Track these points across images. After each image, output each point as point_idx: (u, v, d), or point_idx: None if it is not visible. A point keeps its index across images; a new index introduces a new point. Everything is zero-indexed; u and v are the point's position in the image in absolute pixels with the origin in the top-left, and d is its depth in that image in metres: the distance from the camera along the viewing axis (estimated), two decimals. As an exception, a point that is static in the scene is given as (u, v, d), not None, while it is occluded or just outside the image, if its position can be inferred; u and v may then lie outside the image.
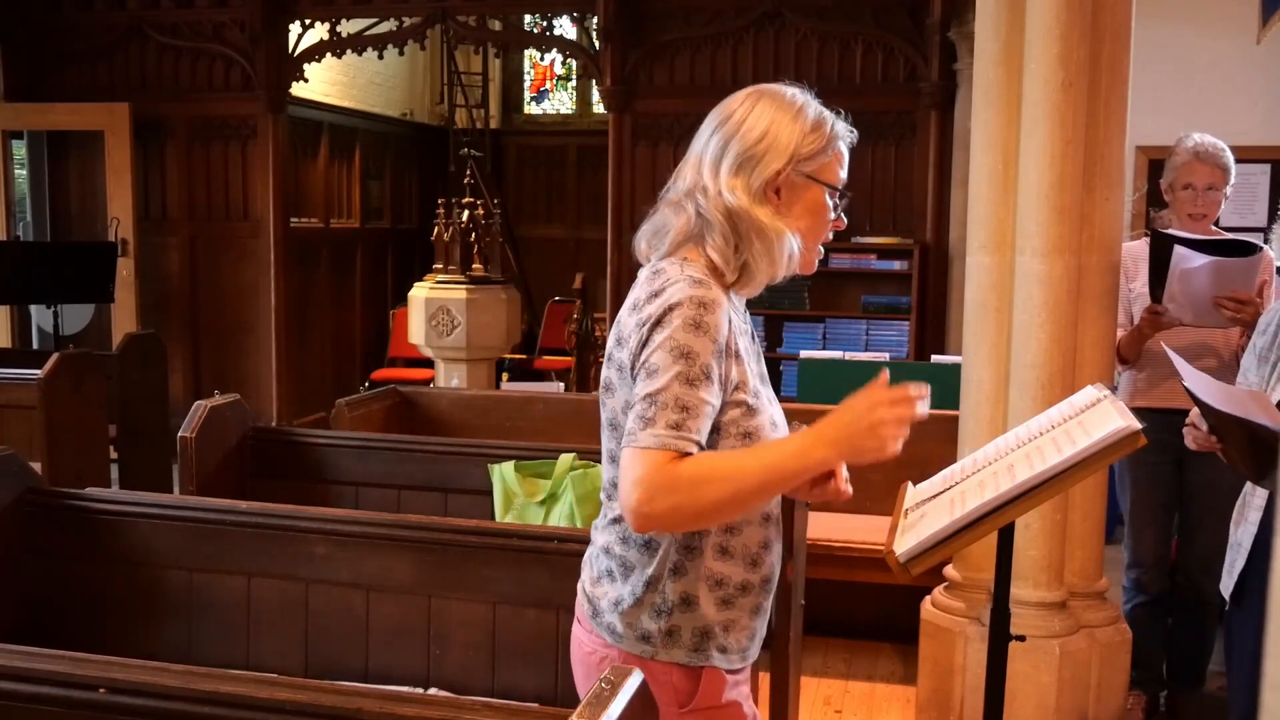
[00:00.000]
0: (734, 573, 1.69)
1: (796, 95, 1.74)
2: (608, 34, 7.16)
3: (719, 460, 1.57)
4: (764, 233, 1.65)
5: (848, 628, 4.42)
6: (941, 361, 5.20)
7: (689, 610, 1.66)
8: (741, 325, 1.71)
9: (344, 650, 2.61)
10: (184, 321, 7.90)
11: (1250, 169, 5.33)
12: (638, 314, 1.62)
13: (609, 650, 1.70)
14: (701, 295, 1.58)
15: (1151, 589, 3.60)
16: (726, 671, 1.70)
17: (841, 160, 1.74)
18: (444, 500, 3.51)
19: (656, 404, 1.54)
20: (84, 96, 7.72)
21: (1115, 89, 3.23)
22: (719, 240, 1.65)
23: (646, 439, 1.53)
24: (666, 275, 1.63)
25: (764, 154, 1.66)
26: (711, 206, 1.66)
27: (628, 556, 1.69)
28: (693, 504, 1.53)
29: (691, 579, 1.66)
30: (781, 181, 1.67)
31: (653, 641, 1.66)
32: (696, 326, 1.57)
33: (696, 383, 1.55)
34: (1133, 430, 1.76)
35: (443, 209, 6.39)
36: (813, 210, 1.71)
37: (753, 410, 1.65)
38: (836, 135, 1.73)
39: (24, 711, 1.67)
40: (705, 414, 1.56)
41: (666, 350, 1.56)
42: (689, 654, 1.67)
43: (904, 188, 7.04)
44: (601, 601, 1.72)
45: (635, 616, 1.67)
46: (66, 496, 2.78)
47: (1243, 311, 3.17)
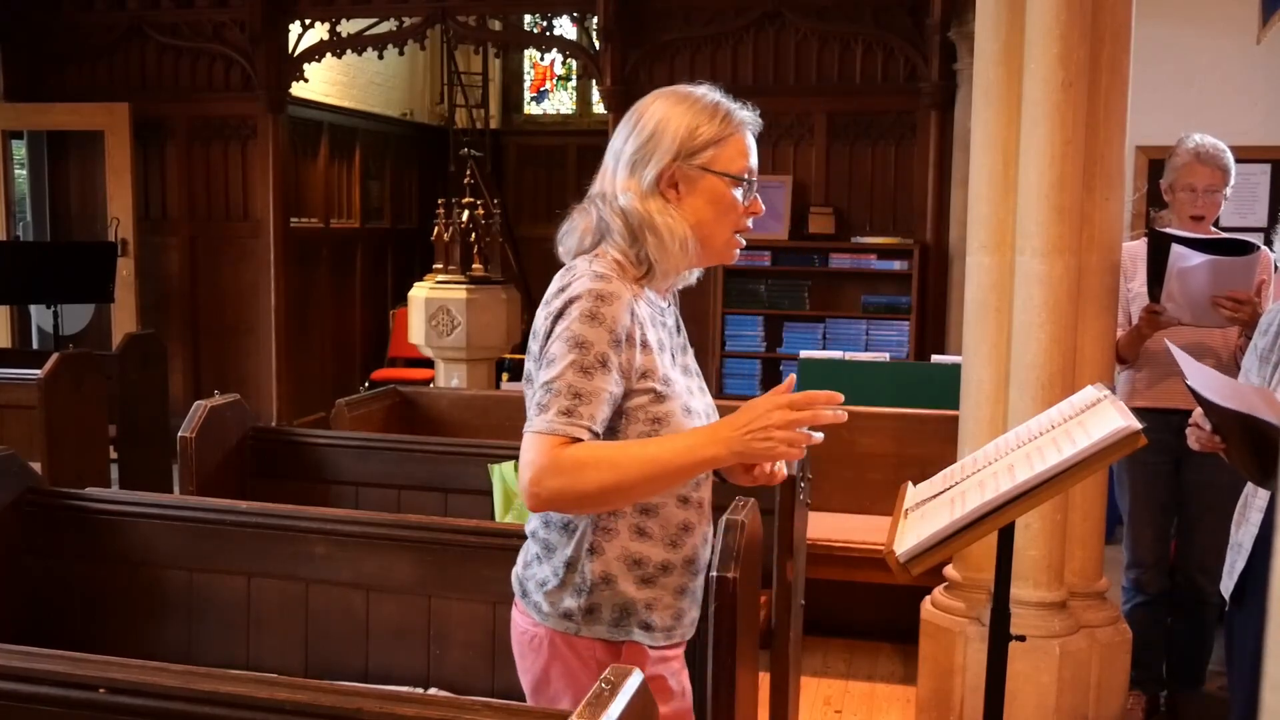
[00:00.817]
0: (653, 553, 1.75)
1: (693, 92, 1.81)
2: (608, 34, 7.16)
3: (606, 448, 1.64)
4: (656, 229, 1.73)
5: (848, 628, 4.42)
6: (941, 361, 5.20)
7: (608, 588, 1.74)
8: (657, 318, 1.78)
9: (344, 650, 2.61)
10: (184, 321, 7.90)
11: (1250, 169, 5.33)
12: (546, 308, 1.72)
13: (537, 629, 1.78)
14: (600, 289, 1.67)
15: (1151, 589, 3.60)
16: (650, 648, 1.76)
17: (743, 149, 1.80)
18: (444, 500, 3.51)
19: (551, 391, 1.64)
20: (84, 96, 7.72)
21: (1115, 89, 3.23)
22: (619, 240, 1.75)
23: (540, 424, 1.64)
24: (575, 272, 1.74)
25: (652, 152, 1.75)
26: (609, 209, 1.76)
27: (550, 539, 1.78)
28: (577, 487, 1.61)
29: (609, 559, 1.73)
30: (677, 176, 1.75)
31: (575, 619, 1.74)
32: (593, 318, 1.65)
33: (591, 371, 1.64)
34: (1133, 430, 1.76)
35: (443, 209, 6.39)
36: (713, 200, 1.77)
37: (661, 397, 1.71)
38: (733, 124, 1.79)
39: (24, 711, 1.67)
40: (601, 401, 1.64)
41: (564, 340, 1.66)
42: (610, 629, 1.75)
43: (904, 188, 7.04)
44: (529, 583, 1.81)
45: (558, 596, 1.75)
46: (66, 496, 2.78)
47: (1241, 311, 3.17)
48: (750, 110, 1.83)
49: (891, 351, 6.52)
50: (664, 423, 1.71)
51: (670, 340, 1.81)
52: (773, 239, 7.07)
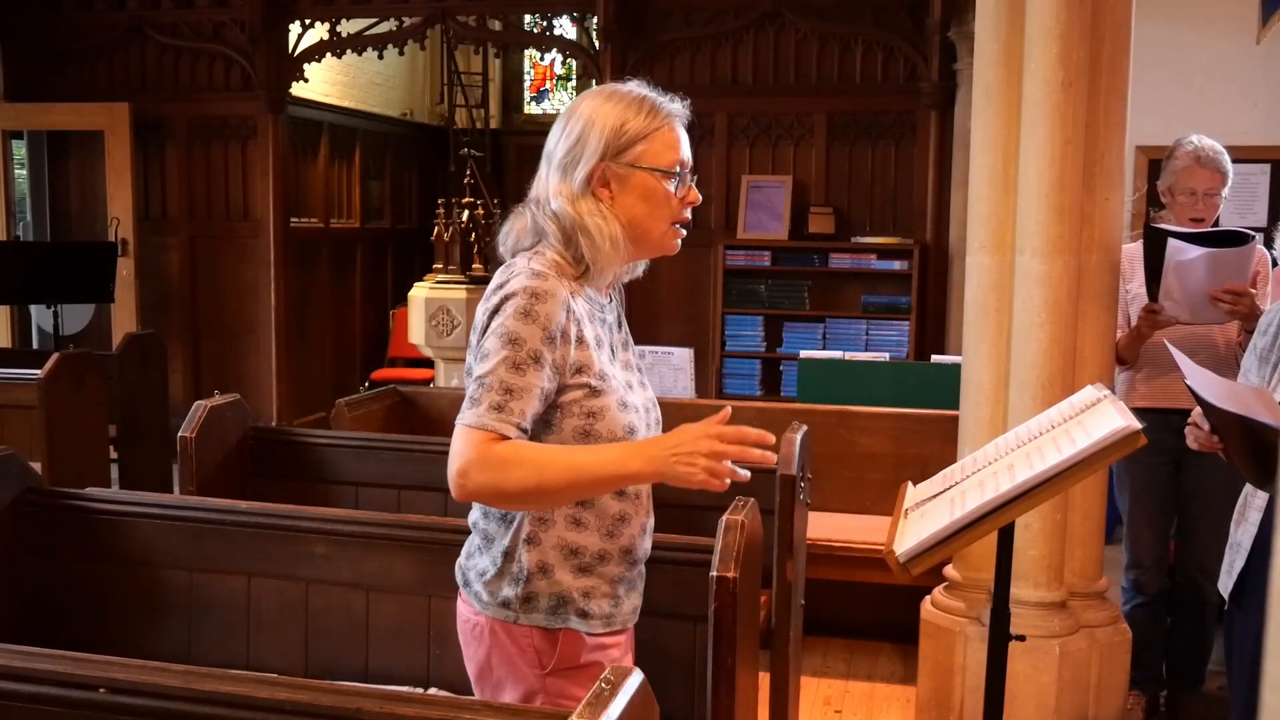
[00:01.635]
0: (589, 542, 1.79)
1: (619, 89, 1.83)
2: (608, 34, 7.16)
3: (533, 450, 1.68)
4: (587, 230, 1.76)
5: (848, 628, 4.42)
6: (941, 361, 5.20)
7: (545, 577, 1.78)
8: (595, 314, 1.82)
9: (344, 650, 2.61)
10: (184, 321, 7.90)
11: (1250, 169, 5.33)
12: (484, 304, 1.76)
13: (478, 618, 1.83)
14: (536, 286, 1.71)
15: (1150, 589, 3.60)
16: (586, 634, 1.80)
17: (671, 142, 1.81)
18: (444, 500, 3.50)
19: (484, 386, 1.69)
20: (84, 96, 7.72)
21: (1115, 89, 3.23)
22: (555, 242, 1.79)
23: (470, 418, 1.68)
24: (513, 269, 1.78)
25: (580, 153, 1.79)
26: (542, 213, 1.81)
27: (489, 529, 1.83)
28: (500, 484, 1.65)
29: (545, 548, 1.78)
30: (608, 175, 1.78)
31: (512, 607, 1.79)
32: (526, 315, 1.69)
33: (523, 367, 1.68)
34: (1133, 430, 1.77)
35: (443, 209, 6.39)
36: (645, 195, 1.79)
37: (597, 392, 1.75)
38: (660, 117, 1.80)
39: (24, 711, 1.67)
40: (531, 397, 1.68)
41: (498, 336, 1.70)
42: (546, 617, 1.78)
43: (904, 188, 7.04)
44: (471, 573, 1.86)
45: (497, 585, 1.80)
46: (66, 496, 2.78)
47: (1239, 304, 3.17)
48: (679, 102, 1.85)
49: (891, 351, 6.52)
50: (599, 416, 1.75)
51: (610, 336, 1.85)
52: (773, 239, 7.07)
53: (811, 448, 3.35)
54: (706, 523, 2.45)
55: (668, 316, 7.28)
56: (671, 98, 1.85)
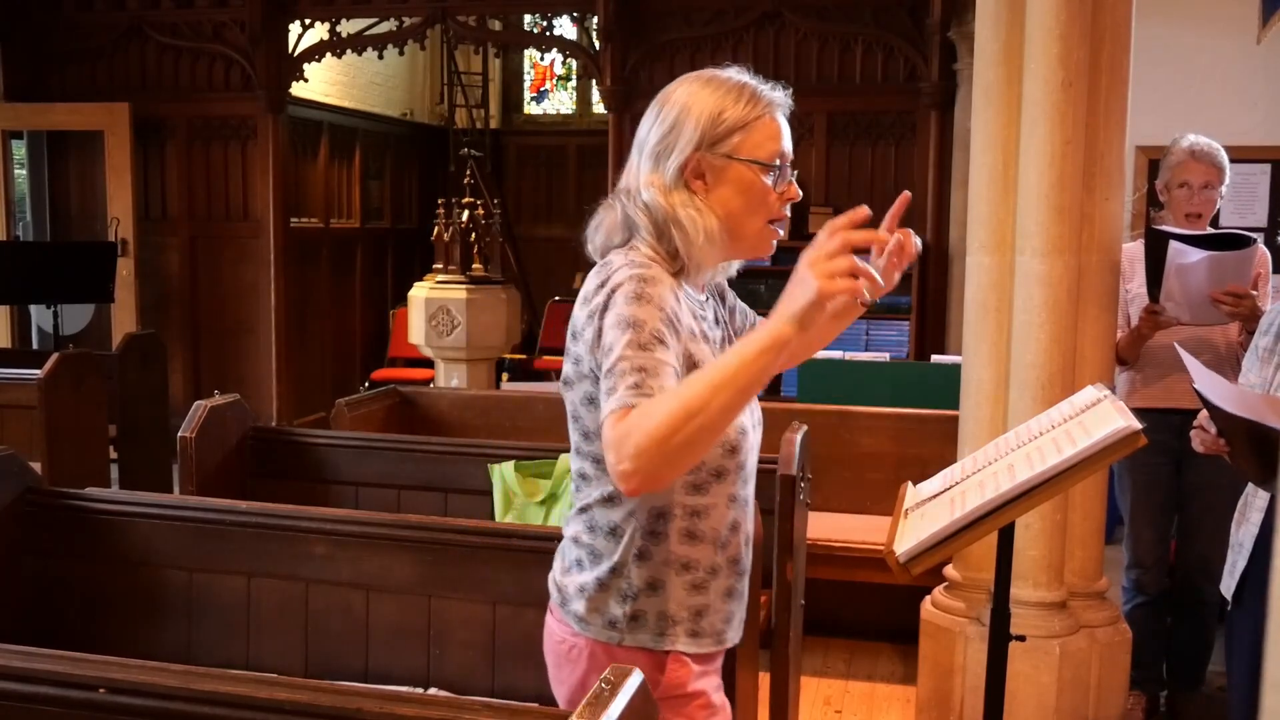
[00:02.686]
0: (703, 556, 1.69)
1: (717, 74, 1.71)
2: (608, 34, 7.16)
3: (666, 391, 1.52)
4: (679, 222, 1.65)
5: (848, 628, 4.42)
6: (941, 361, 5.20)
7: (655, 595, 1.67)
8: (697, 311, 1.72)
9: (344, 650, 2.61)
10: (184, 321, 7.90)
11: (1250, 169, 5.33)
12: (587, 306, 1.64)
13: (576, 639, 1.71)
14: (642, 273, 1.60)
15: (1151, 589, 3.60)
16: (695, 658, 1.70)
17: (772, 133, 1.69)
18: (444, 500, 3.51)
19: (615, 374, 1.54)
20: (84, 96, 7.72)
21: (1115, 89, 3.23)
22: (647, 235, 1.68)
23: (611, 404, 1.52)
24: (612, 265, 1.65)
25: (675, 143, 1.67)
26: (633, 205, 1.69)
27: (595, 544, 1.70)
28: (649, 434, 1.45)
29: (657, 563, 1.67)
30: (703, 166, 1.67)
31: (618, 627, 1.67)
32: (639, 297, 1.57)
33: (650, 346, 1.54)
34: (1133, 430, 1.76)
35: (443, 209, 6.39)
36: (743, 189, 1.68)
37: None
38: (760, 106, 1.68)
39: (24, 711, 1.67)
40: (666, 373, 1.54)
41: (615, 325, 1.57)
42: (654, 638, 1.67)
43: (904, 188, 6.96)
44: (569, 589, 1.73)
45: (601, 603, 1.68)
46: (66, 496, 2.78)
47: (1240, 306, 3.18)
48: (781, 90, 1.72)
49: (891, 351, 6.51)
50: None
51: (711, 333, 1.75)
52: (773, 239, 7.05)
53: (811, 448, 3.35)
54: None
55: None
56: (773, 85, 1.72)
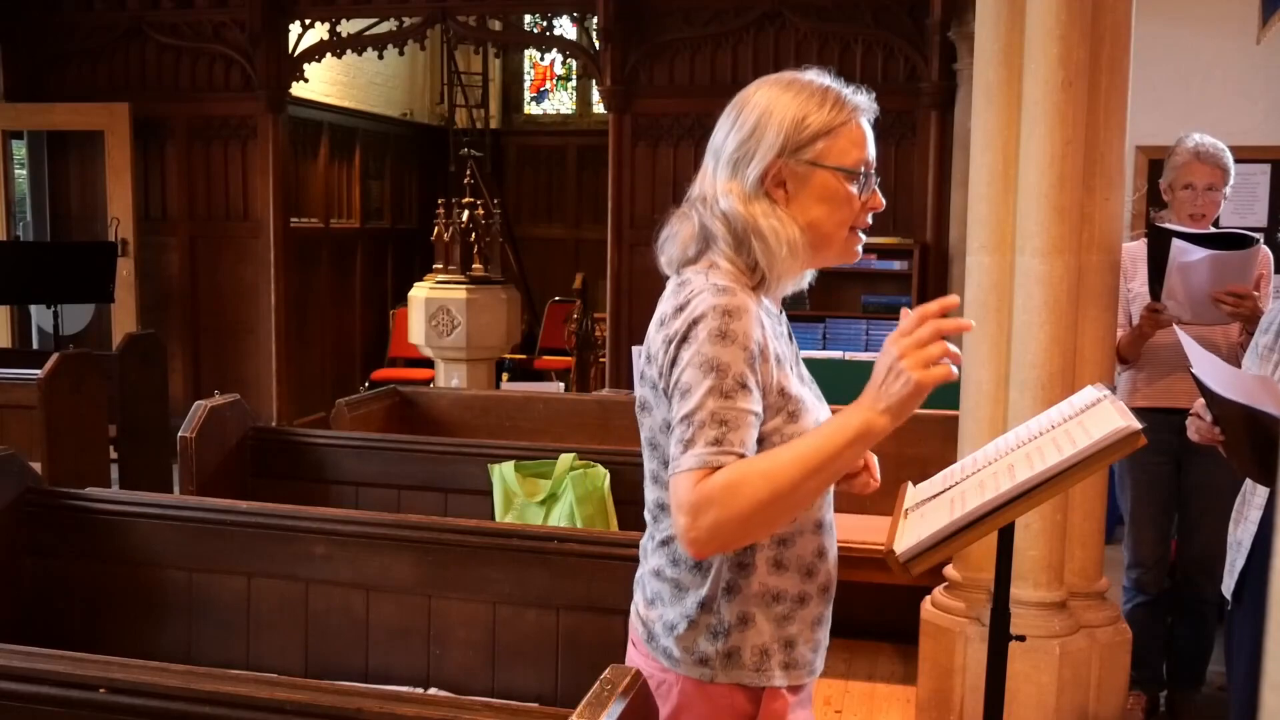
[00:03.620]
0: (790, 586, 1.63)
1: (799, 78, 1.64)
2: (608, 34, 7.16)
3: (750, 462, 1.48)
4: (760, 232, 1.58)
5: (848, 628, 4.40)
6: (941, 361, 5.19)
7: (746, 629, 1.60)
8: (776, 329, 1.65)
9: (344, 650, 2.61)
10: (184, 321, 7.90)
11: (1250, 169, 5.33)
12: (664, 330, 1.57)
13: (666, 675, 1.64)
14: (726, 304, 1.52)
15: (1151, 589, 3.60)
16: (789, 689, 1.65)
17: (857, 139, 1.63)
18: (444, 500, 3.51)
19: (694, 424, 1.48)
20: (84, 96, 7.72)
21: (1115, 89, 3.23)
22: (725, 247, 1.60)
23: (688, 461, 1.47)
24: (691, 287, 1.57)
25: (754, 150, 1.60)
26: (710, 214, 1.62)
27: (680, 578, 1.63)
28: (733, 512, 1.44)
29: (746, 596, 1.60)
30: (784, 174, 1.60)
31: (711, 664, 1.60)
32: (724, 336, 1.50)
33: (733, 394, 1.49)
34: (1133, 430, 1.76)
35: (443, 209, 6.39)
36: (826, 197, 1.62)
37: (794, 416, 1.58)
38: (845, 111, 1.62)
39: (24, 711, 1.67)
40: (747, 424, 1.49)
41: (696, 366, 1.50)
42: (751, 674, 1.61)
43: (904, 188, 7.04)
44: (656, 625, 1.66)
45: (692, 640, 1.61)
46: (66, 496, 2.78)
47: (1241, 306, 3.18)
48: (865, 94, 1.66)
49: (891, 351, 6.51)
50: None
51: (788, 351, 1.68)
52: (773, 239, 7.06)
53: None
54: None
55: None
56: (856, 89, 1.65)
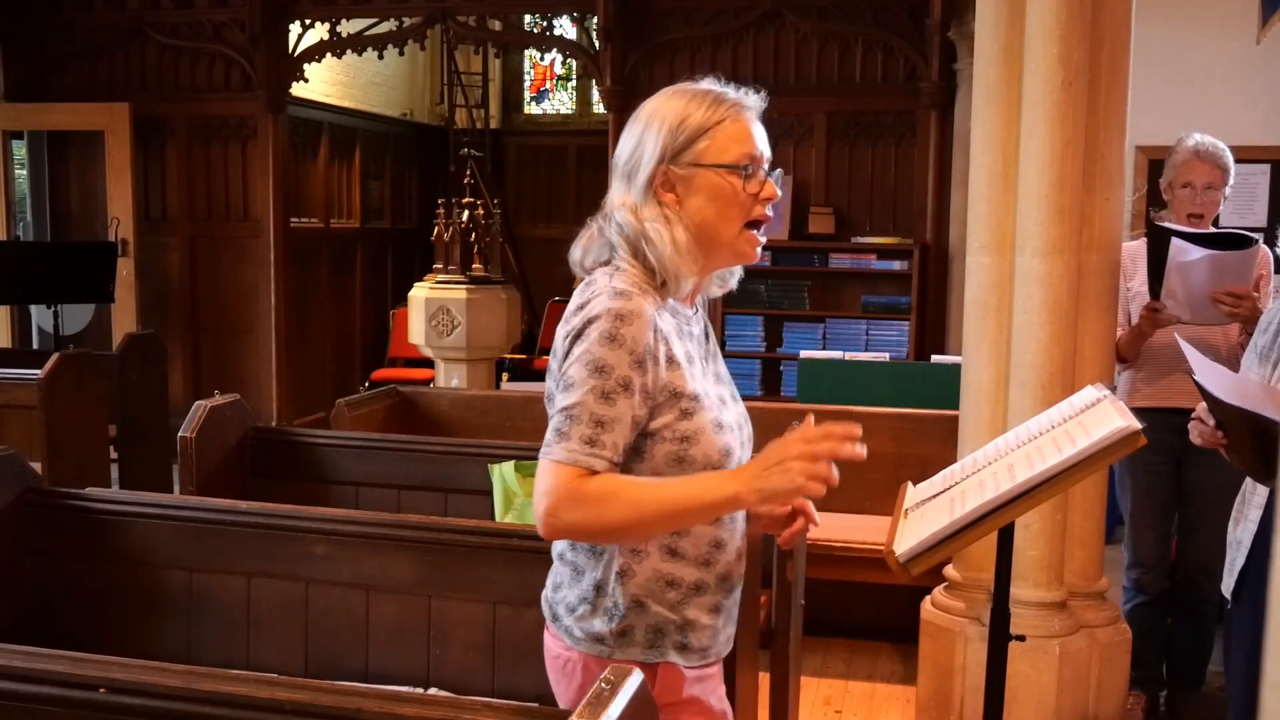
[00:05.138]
0: (686, 573, 1.70)
1: (685, 86, 1.72)
2: (608, 34, 7.16)
3: (628, 485, 1.59)
4: (649, 238, 1.66)
5: (848, 628, 4.42)
6: (941, 361, 5.20)
7: (640, 611, 1.68)
8: (683, 328, 1.72)
9: (344, 650, 2.61)
10: (184, 321, 7.90)
11: (1250, 169, 5.33)
12: (564, 326, 1.67)
13: (570, 653, 1.73)
14: (620, 307, 1.61)
15: (1152, 589, 3.60)
16: (686, 668, 1.72)
17: (737, 135, 1.68)
18: (444, 500, 3.51)
19: (571, 418, 1.58)
20: (84, 96, 7.72)
21: (1115, 89, 3.23)
22: (625, 254, 1.69)
23: (559, 452, 1.58)
24: (594, 287, 1.67)
25: (640, 158, 1.69)
26: (609, 225, 1.71)
27: (578, 561, 1.73)
28: (595, 521, 1.57)
29: (640, 581, 1.68)
30: (671, 178, 1.68)
31: (607, 642, 1.69)
32: (613, 339, 1.59)
33: (613, 396, 1.58)
34: (1133, 430, 1.76)
35: (443, 209, 6.39)
36: (712, 195, 1.67)
37: (689, 414, 1.65)
38: (723, 109, 1.69)
39: (24, 711, 1.67)
40: (622, 427, 1.59)
41: (583, 364, 1.60)
42: (644, 651, 1.69)
43: (904, 188, 7.04)
44: (559, 606, 1.75)
45: (588, 619, 1.70)
46: (66, 496, 2.78)
47: (1240, 306, 3.18)
48: (754, 94, 1.72)
49: (891, 351, 6.52)
50: (693, 440, 1.65)
51: (699, 349, 1.75)
52: (773, 239, 7.03)
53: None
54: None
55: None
56: (747, 90, 1.72)
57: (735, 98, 1.71)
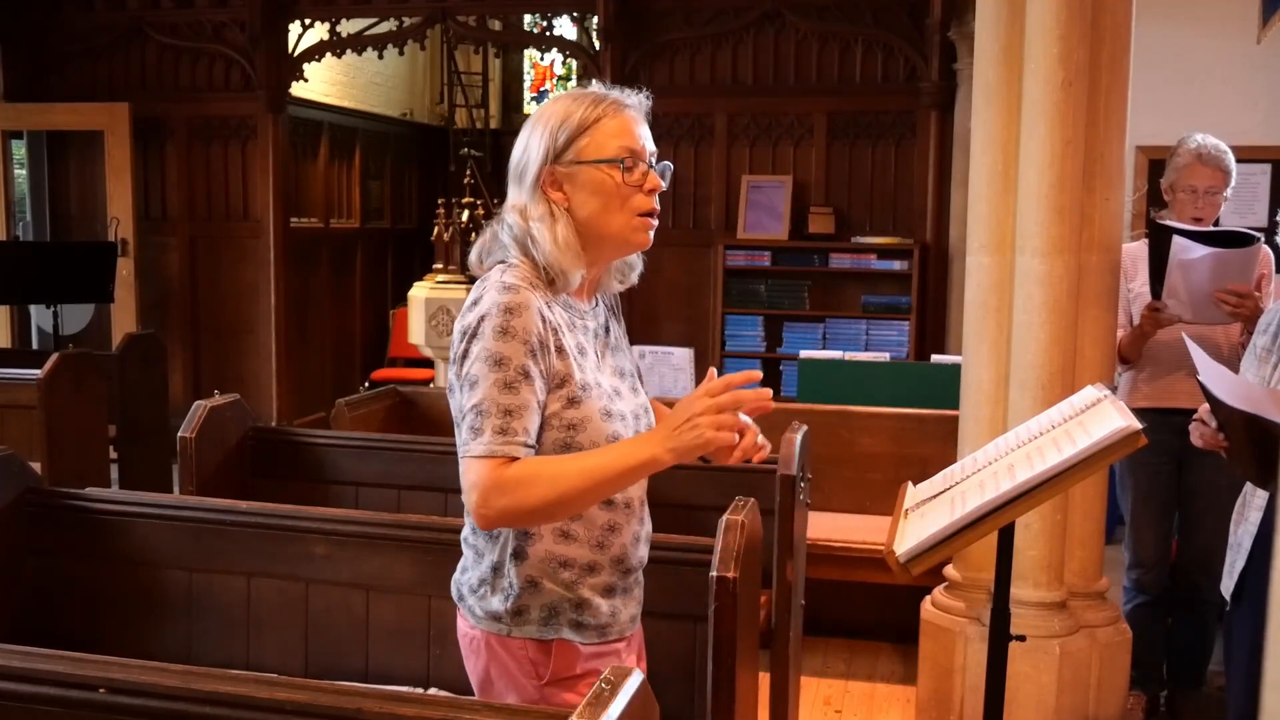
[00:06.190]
0: (578, 554, 1.78)
1: (569, 92, 1.83)
2: (608, 34, 7.16)
3: (546, 463, 1.68)
4: (534, 237, 1.74)
5: (848, 628, 4.42)
6: (941, 361, 5.20)
7: (534, 590, 1.77)
8: (576, 321, 1.79)
9: (344, 650, 2.61)
10: (184, 321, 7.90)
11: (1250, 169, 5.32)
12: (460, 322, 1.74)
13: (474, 631, 1.83)
14: (508, 301, 1.69)
15: (1152, 589, 3.60)
16: (582, 644, 1.79)
17: (616, 130, 1.75)
18: (444, 500, 3.50)
19: (481, 414, 1.67)
20: (84, 96, 7.72)
21: (1115, 89, 3.23)
22: (516, 254, 1.77)
23: (477, 448, 1.67)
24: (486, 284, 1.75)
25: (526, 163, 1.78)
26: (502, 226, 1.79)
27: (477, 545, 1.83)
28: (521, 504, 1.65)
29: (533, 562, 1.77)
30: (558, 177, 1.75)
31: (504, 620, 1.78)
32: (505, 332, 1.67)
33: (515, 385, 1.67)
34: (1133, 430, 1.76)
35: (443, 209, 6.39)
36: (595, 190, 1.75)
37: (576, 402, 1.73)
38: (602, 107, 1.76)
39: (24, 711, 1.67)
40: (530, 411, 1.68)
41: (483, 360, 1.68)
42: (539, 629, 1.78)
43: (904, 188, 7.04)
44: (463, 587, 1.85)
45: (487, 599, 1.80)
46: (66, 496, 2.78)
47: (1242, 306, 3.17)
48: (634, 94, 1.80)
49: (891, 351, 6.51)
50: (580, 428, 1.73)
51: (593, 343, 1.82)
52: (773, 239, 7.07)
53: (811, 448, 3.35)
54: (706, 523, 2.45)
55: (668, 316, 7.28)
56: (629, 91, 1.81)
57: (615, 96, 1.79)
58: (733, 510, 2.35)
